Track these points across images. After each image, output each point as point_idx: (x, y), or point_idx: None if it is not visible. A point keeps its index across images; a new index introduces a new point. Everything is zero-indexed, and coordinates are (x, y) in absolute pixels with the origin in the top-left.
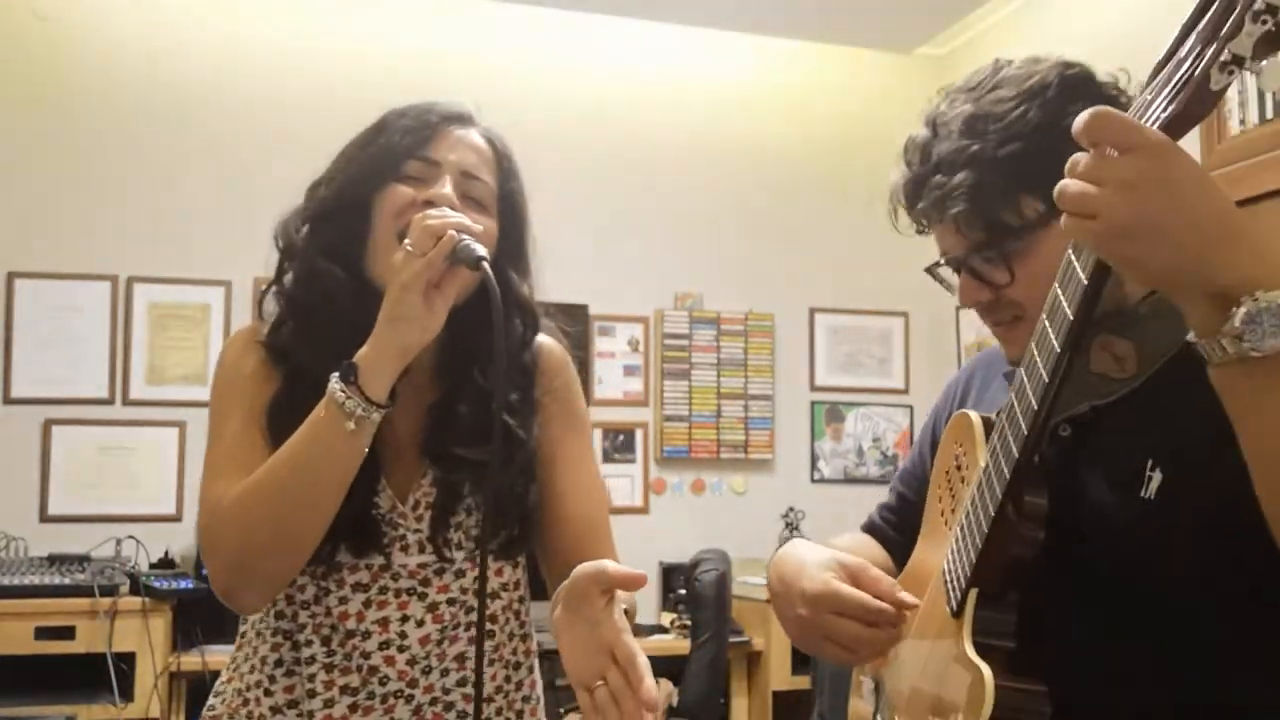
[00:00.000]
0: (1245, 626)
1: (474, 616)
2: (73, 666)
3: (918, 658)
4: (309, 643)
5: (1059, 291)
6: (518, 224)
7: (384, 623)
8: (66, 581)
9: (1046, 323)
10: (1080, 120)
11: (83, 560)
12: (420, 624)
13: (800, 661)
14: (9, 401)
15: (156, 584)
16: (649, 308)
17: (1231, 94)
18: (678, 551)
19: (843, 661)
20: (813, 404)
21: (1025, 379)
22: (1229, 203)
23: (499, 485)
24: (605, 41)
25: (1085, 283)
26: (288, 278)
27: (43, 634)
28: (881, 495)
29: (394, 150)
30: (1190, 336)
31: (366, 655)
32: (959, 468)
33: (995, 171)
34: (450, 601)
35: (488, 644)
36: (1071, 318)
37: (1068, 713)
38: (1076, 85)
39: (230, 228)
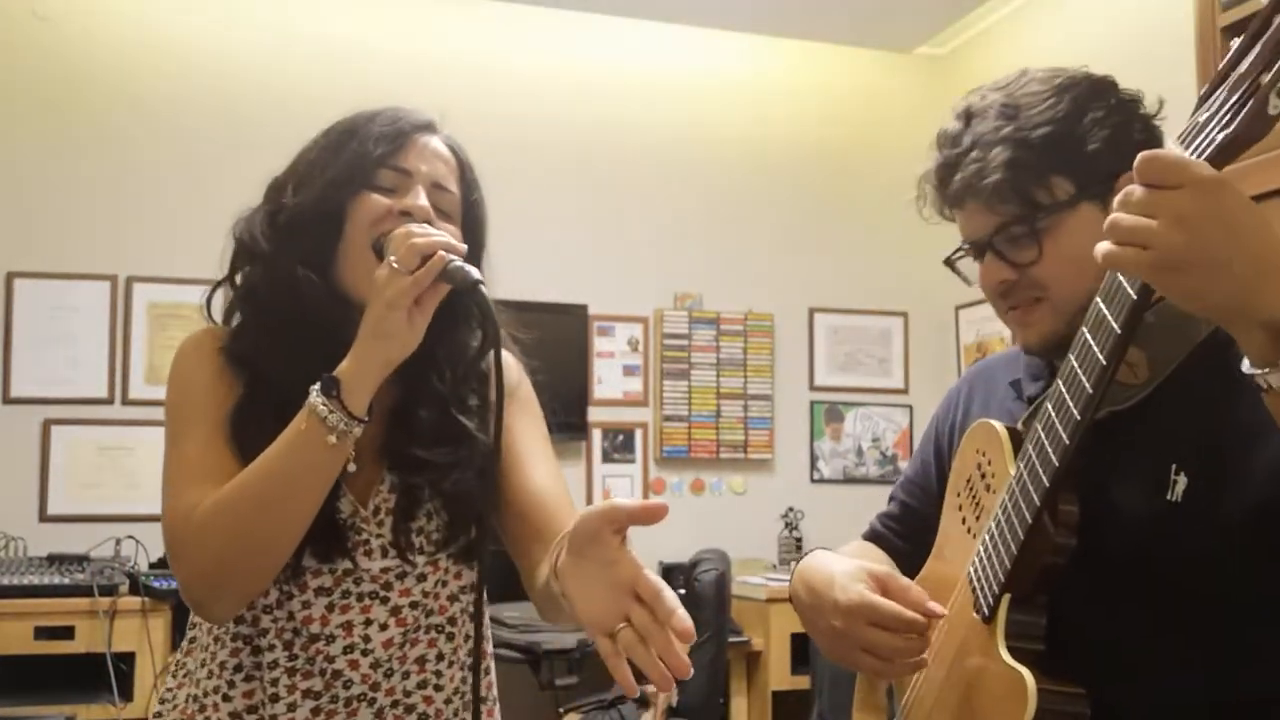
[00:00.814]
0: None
1: (435, 619)
2: (72, 666)
3: (942, 663)
4: (271, 647)
5: (1103, 307)
6: (479, 234)
7: (347, 626)
8: (66, 581)
9: (1089, 337)
10: (1135, 163)
11: (82, 560)
12: (383, 628)
13: (800, 661)
14: (8, 401)
15: (156, 584)
16: (649, 308)
17: None
18: (677, 551)
19: (877, 673)
20: (812, 404)
21: (1065, 391)
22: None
23: (459, 488)
24: (606, 41)
25: (1134, 298)
26: (242, 277)
27: (42, 634)
28: (882, 495)
29: (367, 158)
30: (1246, 366)
31: (330, 659)
32: (983, 475)
33: (1030, 150)
34: (413, 605)
35: (447, 646)
36: (1119, 331)
37: (1097, 712)
38: (1103, 86)
39: (229, 228)
